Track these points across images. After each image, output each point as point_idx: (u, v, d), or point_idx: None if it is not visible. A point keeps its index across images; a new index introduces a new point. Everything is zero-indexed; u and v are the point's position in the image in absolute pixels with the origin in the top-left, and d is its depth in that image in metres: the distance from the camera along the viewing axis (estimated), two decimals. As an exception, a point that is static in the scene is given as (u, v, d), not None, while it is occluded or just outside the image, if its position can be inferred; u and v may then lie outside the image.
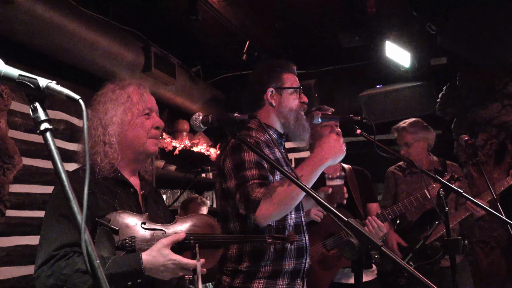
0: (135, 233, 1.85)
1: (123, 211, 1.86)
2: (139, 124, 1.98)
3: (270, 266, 2.28)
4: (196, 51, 5.20)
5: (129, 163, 2.00)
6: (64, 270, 1.69)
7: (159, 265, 1.77)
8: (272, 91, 2.44)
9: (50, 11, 3.32)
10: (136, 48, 4.28)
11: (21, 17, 3.15)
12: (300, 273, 2.38)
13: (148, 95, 2.06)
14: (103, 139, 1.92)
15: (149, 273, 1.78)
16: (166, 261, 1.78)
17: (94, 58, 3.85)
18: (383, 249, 1.31)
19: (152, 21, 4.44)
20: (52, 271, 1.70)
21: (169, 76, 4.65)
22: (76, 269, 1.69)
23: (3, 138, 3.51)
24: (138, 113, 1.99)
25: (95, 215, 1.79)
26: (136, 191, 2.01)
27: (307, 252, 2.40)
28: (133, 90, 2.02)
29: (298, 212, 2.43)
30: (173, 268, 1.80)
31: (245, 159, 2.25)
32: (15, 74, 1.16)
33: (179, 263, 1.79)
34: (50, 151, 1.14)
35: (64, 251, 1.73)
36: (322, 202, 1.49)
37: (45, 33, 3.39)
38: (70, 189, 1.13)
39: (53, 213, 1.80)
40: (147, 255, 1.78)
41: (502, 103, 4.83)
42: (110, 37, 3.94)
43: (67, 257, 1.72)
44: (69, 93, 1.16)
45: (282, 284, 2.30)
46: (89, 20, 3.73)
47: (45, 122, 1.16)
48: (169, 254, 1.79)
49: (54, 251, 1.72)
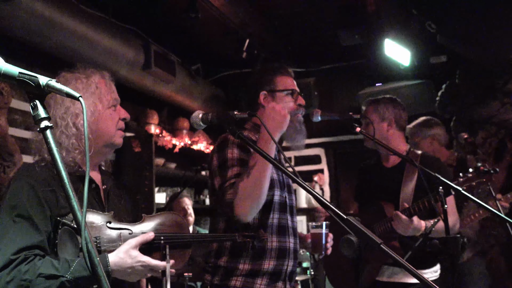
0: (100, 233, 1.75)
1: (86, 210, 1.79)
2: (108, 116, 1.87)
3: (249, 264, 2.29)
4: (196, 49, 5.20)
5: (91, 156, 1.83)
6: (25, 275, 1.57)
7: (127, 267, 1.69)
8: (265, 94, 2.47)
9: (50, 9, 3.32)
10: (136, 46, 4.28)
11: (21, 15, 3.15)
12: (282, 276, 2.36)
13: (113, 86, 1.95)
14: (71, 131, 1.79)
15: (116, 275, 1.70)
16: (135, 263, 1.70)
17: (94, 56, 3.85)
18: (383, 246, 1.31)
19: (152, 19, 4.44)
20: (12, 277, 1.57)
21: (169, 74, 4.65)
22: (38, 273, 1.57)
23: (3, 136, 3.51)
24: (107, 104, 1.88)
25: (56, 214, 1.69)
26: (98, 186, 1.89)
27: (289, 255, 2.38)
28: (99, 79, 1.90)
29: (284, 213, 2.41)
30: (142, 270, 1.72)
31: (227, 156, 2.28)
32: (15, 72, 1.16)
33: (148, 264, 1.72)
34: (50, 149, 1.14)
35: (24, 254, 1.60)
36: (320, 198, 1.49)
37: (45, 31, 3.39)
38: (70, 186, 1.12)
39: (9, 214, 1.66)
40: (114, 256, 1.69)
41: (502, 101, 4.82)
42: (110, 35, 3.94)
43: (28, 261, 1.60)
44: (69, 91, 1.16)
45: (261, 283, 2.29)
46: (89, 18, 3.73)
47: (45, 120, 1.15)
48: (138, 256, 1.71)
49: (13, 255, 1.59)
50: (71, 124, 1.80)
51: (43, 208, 1.69)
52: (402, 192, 2.86)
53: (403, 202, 2.79)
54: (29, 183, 1.72)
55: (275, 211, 2.38)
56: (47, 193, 1.72)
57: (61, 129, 1.79)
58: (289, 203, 2.48)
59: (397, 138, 3.02)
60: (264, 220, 2.34)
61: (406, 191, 2.86)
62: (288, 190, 2.48)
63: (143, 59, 4.35)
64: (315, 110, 2.56)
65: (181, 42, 4.94)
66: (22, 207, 1.67)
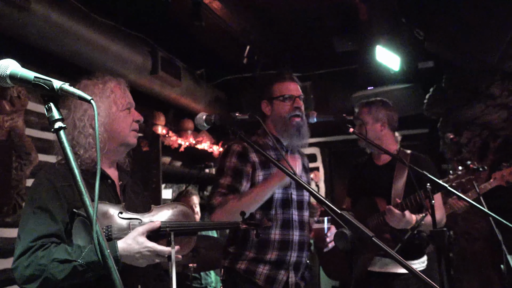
0: (112, 223, 1.78)
1: (100, 202, 1.79)
2: (122, 118, 1.93)
3: (253, 253, 2.39)
4: (200, 54, 5.19)
5: (108, 155, 1.92)
6: (41, 260, 1.63)
7: (135, 253, 1.72)
8: (265, 103, 2.58)
9: (64, 17, 3.31)
10: (144, 52, 4.28)
11: (36, 23, 3.15)
12: (285, 265, 2.40)
13: (128, 91, 2.01)
14: (88, 131, 1.84)
15: (125, 260, 1.72)
16: (141, 249, 1.72)
17: (105, 61, 3.84)
18: (374, 239, 1.31)
19: (159, 27, 4.43)
20: (30, 262, 1.63)
21: (175, 78, 4.64)
22: (53, 258, 1.62)
23: (20, 136, 3.51)
24: (121, 107, 1.94)
25: (72, 206, 1.73)
26: (114, 182, 1.93)
27: (293, 247, 2.42)
28: (115, 85, 1.96)
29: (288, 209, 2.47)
30: (148, 255, 1.74)
31: (225, 165, 2.42)
32: (31, 76, 1.16)
33: (154, 250, 1.74)
34: (63, 148, 1.14)
35: (41, 241, 1.66)
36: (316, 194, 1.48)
37: (59, 38, 3.38)
38: (82, 183, 1.12)
39: (31, 206, 1.74)
40: (123, 243, 1.72)
41: (485, 104, 4.82)
42: (119, 41, 3.93)
43: (44, 247, 1.65)
44: (81, 94, 1.16)
45: (263, 269, 2.38)
46: (100, 26, 3.72)
47: (58, 121, 1.16)
48: (144, 242, 1.73)
49: (31, 242, 1.66)
50: (87, 125, 1.86)
51: (61, 201, 1.74)
52: (393, 188, 2.85)
53: (395, 197, 2.78)
54: (48, 178, 1.78)
55: (278, 207, 2.43)
56: (65, 187, 1.77)
57: (79, 130, 1.85)
58: (297, 198, 2.52)
59: (389, 138, 3.02)
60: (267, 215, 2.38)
61: (397, 187, 2.86)
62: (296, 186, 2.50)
63: (151, 64, 4.35)
64: (311, 112, 2.56)
65: (186, 49, 4.94)
66: (41, 200, 1.73)
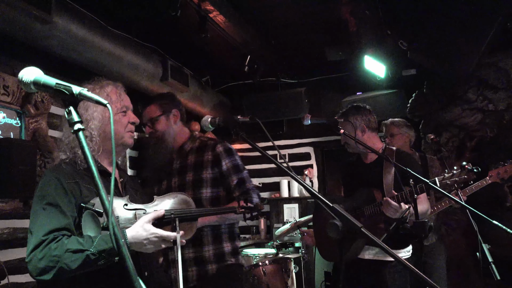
0: (119, 214, 1.76)
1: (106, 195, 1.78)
2: (117, 120, 1.89)
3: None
4: (206, 63, 5.19)
5: (108, 154, 1.87)
6: (54, 252, 1.58)
7: (143, 239, 1.69)
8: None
9: (83, 30, 3.31)
10: (155, 61, 4.27)
11: (58, 35, 3.14)
12: None
13: (125, 95, 1.95)
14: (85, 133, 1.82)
15: (134, 247, 1.70)
16: (149, 235, 1.70)
17: (120, 69, 3.84)
18: (363, 230, 1.30)
19: (168, 39, 4.43)
20: (44, 254, 1.59)
21: (183, 85, 4.64)
22: (66, 249, 1.58)
23: (44, 136, 3.51)
24: (116, 110, 1.89)
25: (79, 202, 1.69)
26: (116, 179, 1.88)
27: None
28: (112, 89, 1.91)
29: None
30: (156, 241, 1.72)
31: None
32: (53, 83, 1.16)
33: (161, 235, 1.72)
34: (82, 147, 1.14)
35: (53, 235, 1.62)
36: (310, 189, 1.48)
37: (79, 49, 3.38)
38: (100, 180, 1.12)
39: (40, 202, 1.68)
40: (131, 231, 1.70)
41: (462, 108, 4.82)
42: (133, 52, 3.93)
43: (57, 240, 1.61)
44: (98, 98, 1.16)
45: None
46: (116, 38, 3.72)
47: (78, 123, 1.15)
48: (151, 229, 1.71)
49: (43, 236, 1.61)
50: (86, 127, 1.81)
51: (68, 196, 1.69)
52: (384, 183, 2.82)
53: (387, 190, 2.73)
54: (55, 177, 1.73)
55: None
56: (71, 184, 1.72)
57: None
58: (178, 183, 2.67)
59: (372, 139, 2.90)
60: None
61: (387, 182, 2.82)
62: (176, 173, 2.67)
63: (161, 72, 4.35)
64: (306, 115, 2.56)
65: (193, 58, 4.94)
66: (50, 197, 1.67)
